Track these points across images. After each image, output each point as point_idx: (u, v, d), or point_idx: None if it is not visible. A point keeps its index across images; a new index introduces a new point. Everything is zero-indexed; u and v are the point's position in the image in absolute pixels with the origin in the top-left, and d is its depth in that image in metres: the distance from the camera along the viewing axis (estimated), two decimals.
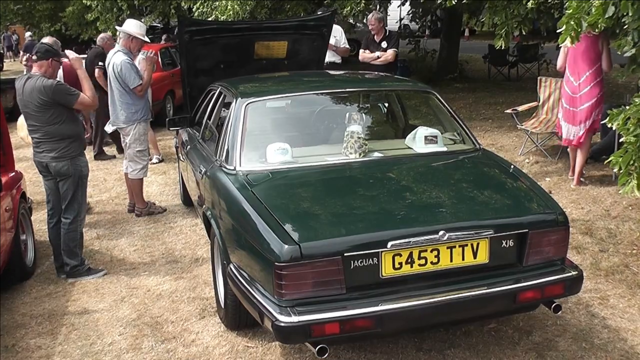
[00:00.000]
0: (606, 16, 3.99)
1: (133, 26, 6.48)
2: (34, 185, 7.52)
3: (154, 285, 4.88)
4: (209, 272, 4.83)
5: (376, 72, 7.59)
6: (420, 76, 15.03)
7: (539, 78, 8.32)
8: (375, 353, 3.68)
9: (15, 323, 4.40)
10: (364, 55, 8.55)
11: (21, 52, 29.11)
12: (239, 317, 3.88)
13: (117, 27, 7.22)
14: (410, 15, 17.46)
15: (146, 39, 6.67)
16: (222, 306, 4.05)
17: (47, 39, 7.58)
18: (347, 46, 9.18)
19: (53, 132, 4.82)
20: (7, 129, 5.48)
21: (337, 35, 8.72)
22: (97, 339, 4.11)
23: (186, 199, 6.57)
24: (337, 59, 8.88)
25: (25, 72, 7.36)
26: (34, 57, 4.88)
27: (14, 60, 29.33)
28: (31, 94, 4.75)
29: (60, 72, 8.62)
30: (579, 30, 4.65)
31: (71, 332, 4.24)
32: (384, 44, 8.45)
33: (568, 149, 6.76)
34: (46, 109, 4.75)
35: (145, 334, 4.14)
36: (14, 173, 5.38)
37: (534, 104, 8.21)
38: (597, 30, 4.73)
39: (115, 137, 8.94)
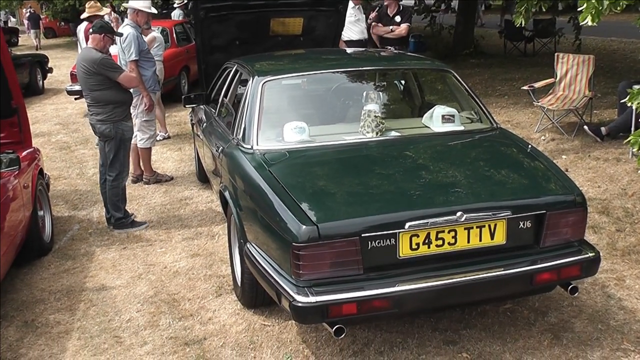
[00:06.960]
0: None
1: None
2: (51, 161, 7.58)
3: (170, 262, 4.92)
4: (225, 249, 4.86)
5: (392, 50, 7.56)
6: (436, 52, 14.88)
7: (556, 54, 8.21)
8: (392, 332, 3.70)
9: (35, 298, 4.46)
10: (378, 28, 8.54)
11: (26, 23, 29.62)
12: (255, 295, 3.90)
13: (124, 5, 7.43)
14: None
15: (152, 10, 7.01)
16: (239, 284, 4.07)
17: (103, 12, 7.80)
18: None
19: (98, 97, 5.35)
20: (24, 105, 5.50)
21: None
22: (115, 316, 4.16)
23: (202, 175, 6.60)
24: (363, 36, 8.68)
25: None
26: (90, 31, 5.45)
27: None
28: (81, 62, 5.35)
29: (81, 36, 8.76)
30: (600, 8, 4.58)
31: (89, 308, 4.29)
32: (397, 18, 8.44)
33: None
34: (90, 76, 5.31)
35: (162, 311, 4.18)
36: (31, 149, 5.42)
37: (550, 80, 8.12)
38: (619, 9, 4.65)
39: None
